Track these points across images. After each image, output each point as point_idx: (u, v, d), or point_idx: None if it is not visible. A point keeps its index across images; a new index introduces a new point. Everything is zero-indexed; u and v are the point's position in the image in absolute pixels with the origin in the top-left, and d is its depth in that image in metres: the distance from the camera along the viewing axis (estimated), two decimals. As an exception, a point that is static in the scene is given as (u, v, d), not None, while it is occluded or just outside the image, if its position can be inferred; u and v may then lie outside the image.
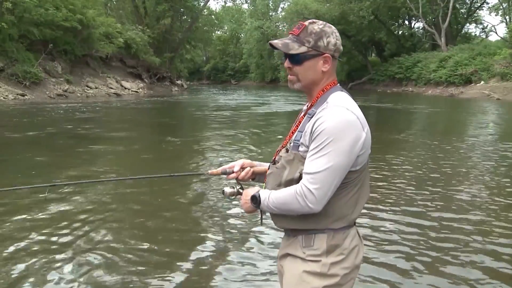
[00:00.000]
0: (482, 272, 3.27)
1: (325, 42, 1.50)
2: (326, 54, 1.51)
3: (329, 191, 1.42)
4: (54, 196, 5.07)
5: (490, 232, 4.08)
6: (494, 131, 12.56)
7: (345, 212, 1.51)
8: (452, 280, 3.15)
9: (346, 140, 1.41)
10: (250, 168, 1.79)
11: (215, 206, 4.94)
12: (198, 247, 3.72)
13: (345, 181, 1.47)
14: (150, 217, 4.55)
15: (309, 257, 1.51)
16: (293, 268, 1.55)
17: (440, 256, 3.56)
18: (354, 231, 1.58)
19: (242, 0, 76.19)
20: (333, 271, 1.49)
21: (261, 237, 3.95)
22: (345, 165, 1.42)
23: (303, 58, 1.51)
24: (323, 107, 1.49)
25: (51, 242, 3.78)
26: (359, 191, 1.53)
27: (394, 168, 6.81)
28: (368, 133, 1.48)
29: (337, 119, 1.42)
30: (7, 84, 21.30)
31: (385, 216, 4.52)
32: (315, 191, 1.40)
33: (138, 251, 3.65)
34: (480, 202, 5.05)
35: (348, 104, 1.48)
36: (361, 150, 1.45)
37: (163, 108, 21.43)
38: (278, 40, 1.55)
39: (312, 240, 1.51)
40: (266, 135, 11.22)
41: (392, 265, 3.40)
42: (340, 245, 1.51)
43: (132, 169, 7.14)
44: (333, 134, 1.40)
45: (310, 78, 1.54)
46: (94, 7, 28.95)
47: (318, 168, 1.40)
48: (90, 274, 3.20)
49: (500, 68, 27.93)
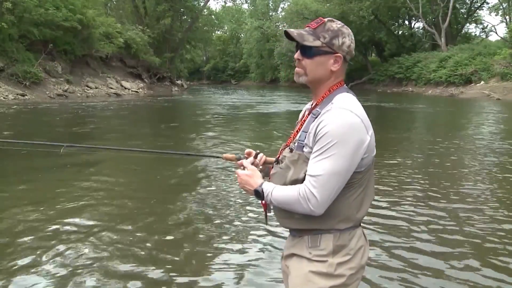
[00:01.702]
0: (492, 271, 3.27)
1: (340, 41, 1.50)
2: (338, 54, 1.51)
3: (331, 194, 1.42)
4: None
5: (498, 230, 4.08)
6: (495, 130, 12.55)
7: (350, 212, 1.51)
8: (458, 281, 3.15)
9: (350, 143, 1.40)
10: (263, 155, 1.82)
11: (220, 205, 4.94)
12: (201, 248, 3.72)
13: (350, 182, 1.47)
14: (152, 214, 4.55)
15: (315, 257, 1.51)
16: (299, 269, 1.54)
17: (443, 255, 3.56)
18: (360, 231, 1.58)
19: (242, 0, 76.36)
20: (339, 271, 1.49)
21: (266, 237, 3.96)
22: (349, 168, 1.42)
23: (315, 52, 1.51)
24: (328, 108, 1.48)
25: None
26: (364, 192, 1.53)
27: (396, 165, 6.82)
28: (372, 136, 1.48)
29: (341, 122, 1.41)
30: (7, 84, 21.31)
31: (388, 214, 4.52)
32: (318, 195, 1.41)
33: (141, 249, 3.64)
34: (488, 198, 5.05)
35: (353, 107, 1.47)
36: (365, 153, 1.45)
37: (163, 108, 21.41)
38: (294, 30, 1.54)
39: (318, 241, 1.51)
40: (267, 135, 11.22)
41: (394, 264, 3.40)
42: (346, 246, 1.51)
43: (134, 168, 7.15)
44: (337, 137, 1.39)
45: (318, 74, 1.53)
46: (94, 7, 28.95)
47: (321, 171, 1.40)
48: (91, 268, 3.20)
49: (500, 68, 27.93)
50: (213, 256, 3.55)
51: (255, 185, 1.57)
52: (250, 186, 1.59)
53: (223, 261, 3.46)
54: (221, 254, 3.58)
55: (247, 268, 3.32)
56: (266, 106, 21.33)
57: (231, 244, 3.81)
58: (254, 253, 3.62)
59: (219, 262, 3.44)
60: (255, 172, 1.63)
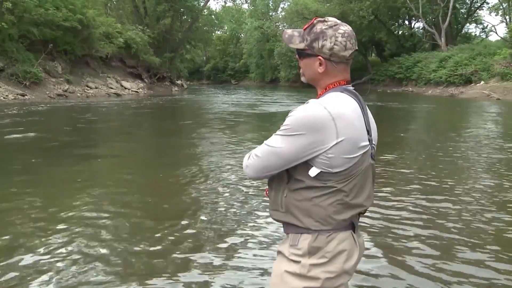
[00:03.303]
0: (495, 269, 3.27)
1: (319, 44, 1.48)
2: (319, 56, 1.50)
3: (264, 166, 1.49)
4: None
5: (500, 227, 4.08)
6: (495, 129, 12.55)
7: (328, 215, 1.45)
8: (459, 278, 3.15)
9: (301, 132, 1.41)
10: None
11: (225, 208, 4.94)
12: (204, 249, 3.72)
13: (324, 183, 1.43)
14: (155, 218, 4.55)
15: (291, 256, 1.49)
16: (278, 267, 1.54)
17: (446, 254, 3.56)
18: (345, 235, 1.50)
19: (242, 0, 76.36)
20: (313, 273, 1.45)
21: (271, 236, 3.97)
22: (291, 155, 1.43)
23: (302, 54, 1.55)
24: None
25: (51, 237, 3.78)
26: (349, 197, 1.46)
27: (398, 164, 6.82)
28: (347, 140, 1.40)
29: (306, 113, 1.42)
30: (7, 84, 21.33)
31: (390, 212, 4.52)
32: (254, 157, 1.51)
33: (142, 251, 3.64)
34: (489, 195, 5.05)
35: (330, 104, 1.43)
36: (330, 152, 1.40)
37: (164, 108, 21.42)
38: (291, 30, 1.59)
39: (298, 240, 1.49)
40: (269, 134, 11.20)
41: (397, 263, 3.41)
42: (322, 248, 1.46)
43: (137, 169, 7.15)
44: (293, 122, 1.43)
45: (310, 75, 1.57)
46: (94, 7, 28.98)
47: (267, 141, 1.49)
48: (89, 273, 3.20)
49: (500, 68, 27.92)
50: (214, 259, 3.55)
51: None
52: None
53: (224, 261, 3.46)
54: (222, 255, 3.58)
55: (251, 269, 3.32)
56: (267, 106, 21.35)
57: (233, 239, 3.81)
58: (258, 255, 3.61)
59: (220, 263, 3.44)
60: None
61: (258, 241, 3.86)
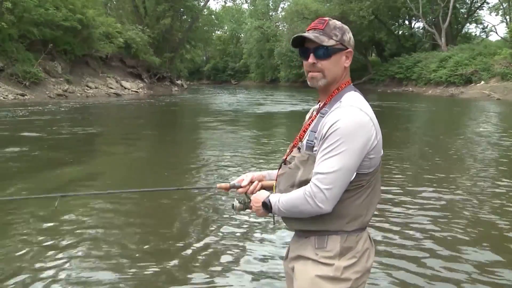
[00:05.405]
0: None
1: (348, 37, 1.52)
2: (349, 49, 1.52)
3: (339, 191, 1.42)
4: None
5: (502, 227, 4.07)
6: (496, 129, 12.54)
7: (359, 214, 1.49)
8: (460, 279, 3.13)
9: (358, 141, 1.40)
10: (258, 182, 1.77)
11: (221, 216, 4.92)
12: (207, 256, 3.67)
13: (358, 183, 1.46)
14: (158, 228, 4.54)
15: (321, 259, 1.48)
16: (305, 272, 1.51)
17: (448, 252, 3.55)
18: (366, 234, 1.56)
19: (242, 0, 76.36)
20: (345, 275, 1.46)
21: (274, 239, 3.93)
22: (355, 166, 1.42)
23: (332, 52, 1.49)
24: (336, 106, 1.48)
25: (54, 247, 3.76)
26: (372, 194, 1.52)
27: (400, 163, 6.81)
28: (380, 139, 1.47)
29: (350, 120, 1.40)
30: (7, 84, 21.31)
31: (392, 212, 4.50)
32: (326, 191, 1.39)
33: (145, 257, 3.63)
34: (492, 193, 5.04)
35: (362, 105, 1.46)
36: (372, 153, 1.45)
37: (165, 108, 21.40)
38: (306, 34, 1.51)
39: (325, 242, 1.49)
40: (270, 134, 11.20)
41: (397, 263, 3.39)
42: (353, 248, 1.48)
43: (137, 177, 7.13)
44: (346, 135, 1.39)
45: (335, 73, 1.52)
46: (94, 7, 28.95)
47: (329, 169, 1.39)
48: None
49: (500, 68, 27.90)
50: (217, 261, 3.53)
51: (262, 198, 1.58)
52: (258, 202, 1.60)
53: (228, 264, 3.44)
54: (225, 258, 3.56)
55: (254, 272, 3.30)
56: (268, 106, 21.33)
57: (234, 245, 3.79)
58: (261, 256, 3.58)
59: (223, 265, 3.43)
60: (255, 197, 1.64)
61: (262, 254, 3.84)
